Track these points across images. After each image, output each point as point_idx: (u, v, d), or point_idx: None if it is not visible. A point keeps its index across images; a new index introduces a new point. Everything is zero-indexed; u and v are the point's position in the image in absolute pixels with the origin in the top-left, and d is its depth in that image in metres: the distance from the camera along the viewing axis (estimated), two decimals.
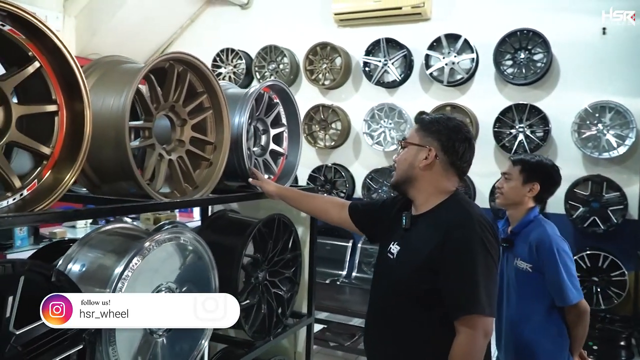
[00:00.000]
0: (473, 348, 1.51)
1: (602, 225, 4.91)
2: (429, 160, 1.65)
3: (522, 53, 5.18)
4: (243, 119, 2.06)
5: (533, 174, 2.23)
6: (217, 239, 2.17)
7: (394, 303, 1.69)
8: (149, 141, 1.66)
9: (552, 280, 2.09)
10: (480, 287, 1.50)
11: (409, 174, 1.69)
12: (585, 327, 2.16)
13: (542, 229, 2.18)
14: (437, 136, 1.66)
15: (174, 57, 1.70)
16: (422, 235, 1.64)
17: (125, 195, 1.68)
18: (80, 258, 1.69)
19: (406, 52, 5.58)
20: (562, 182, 5.05)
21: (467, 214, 1.60)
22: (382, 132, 5.65)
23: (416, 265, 1.60)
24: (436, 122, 1.69)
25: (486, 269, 1.53)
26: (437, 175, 1.67)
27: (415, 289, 1.61)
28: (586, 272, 4.92)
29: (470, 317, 1.51)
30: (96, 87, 1.61)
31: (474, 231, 1.55)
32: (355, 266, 5.29)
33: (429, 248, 1.58)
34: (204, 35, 6.87)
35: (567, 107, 5.05)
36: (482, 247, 1.54)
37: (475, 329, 1.50)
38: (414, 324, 1.63)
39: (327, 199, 2.16)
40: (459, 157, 1.67)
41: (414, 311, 1.63)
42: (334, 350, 4.10)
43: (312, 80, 5.99)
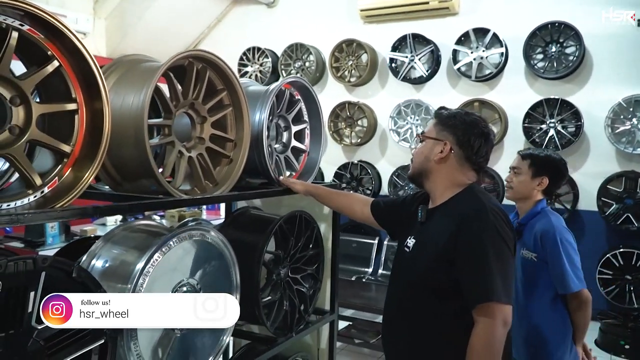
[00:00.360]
0: (492, 337, 1.48)
1: (635, 222, 4.77)
2: (444, 154, 1.67)
3: (553, 46, 5.06)
4: (263, 115, 2.06)
5: (542, 168, 2.26)
6: (238, 235, 2.18)
7: (409, 295, 1.70)
8: (168, 139, 1.67)
9: (554, 269, 2.14)
10: (495, 274, 1.50)
11: (424, 166, 1.72)
12: (587, 316, 2.19)
13: (547, 219, 2.22)
14: (453, 130, 1.68)
15: (192, 55, 1.71)
16: (437, 227, 1.66)
17: (146, 192, 1.70)
18: (104, 254, 1.72)
19: (433, 47, 5.51)
20: (596, 178, 4.98)
21: (481, 204, 1.60)
22: (409, 128, 5.60)
23: (431, 257, 1.62)
24: (453, 116, 1.70)
25: (501, 258, 1.53)
26: (452, 169, 1.68)
27: (431, 281, 1.62)
28: (619, 270, 4.80)
29: (487, 306, 1.49)
30: (117, 86, 1.63)
31: (487, 220, 1.55)
32: (381, 263, 5.27)
33: (444, 239, 1.59)
34: (231, 34, 6.93)
35: (600, 102, 4.92)
36: (496, 236, 1.54)
37: (494, 317, 1.48)
38: (429, 316, 1.63)
39: (352, 195, 2.22)
40: (474, 151, 1.67)
41: (429, 303, 1.63)
42: (359, 347, 4.08)
43: (338, 77, 5.97)
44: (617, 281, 4.82)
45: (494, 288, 1.49)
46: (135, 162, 1.57)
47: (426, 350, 1.65)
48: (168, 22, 6.43)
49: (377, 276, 5.12)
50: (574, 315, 2.20)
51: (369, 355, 4.08)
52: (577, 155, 5.13)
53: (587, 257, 5.01)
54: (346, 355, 4.04)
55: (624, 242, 4.89)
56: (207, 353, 1.84)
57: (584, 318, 2.20)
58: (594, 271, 4.89)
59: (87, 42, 6.22)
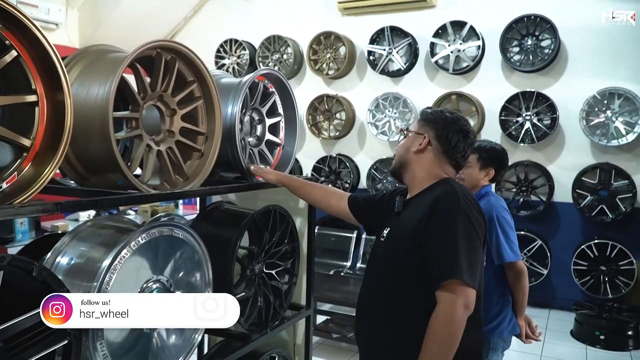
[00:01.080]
0: (452, 317, 1.47)
1: (610, 213, 4.84)
2: (422, 146, 1.73)
3: (529, 39, 5.09)
4: (236, 108, 2.02)
5: (489, 161, 2.46)
6: (211, 231, 2.15)
7: (383, 283, 1.72)
8: (135, 132, 1.62)
9: (491, 241, 2.31)
10: (461, 254, 1.51)
11: (404, 157, 1.78)
12: (524, 289, 2.38)
13: (488, 199, 2.42)
14: (433, 125, 1.74)
15: (160, 45, 1.66)
16: (411, 214, 1.68)
17: (113, 187, 1.64)
18: (69, 251, 1.67)
19: (411, 40, 5.50)
20: (571, 170, 5.04)
21: (453, 189, 1.64)
22: (387, 121, 5.60)
23: (403, 240, 1.65)
24: (436, 113, 1.78)
25: (468, 240, 1.55)
26: (429, 161, 1.74)
27: (403, 265, 1.64)
28: (594, 261, 4.87)
29: (449, 283, 1.50)
30: (81, 77, 1.57)
31: (457, 204, 1.58)
32: (359, 257, 5.26)
33: (415, 222, 1.62)
34: (208, 25, 6.83)
35: (575, 94, 4.97)
36: (465, 219, 1.56)
37: (455, 297, 1.48)
38: (401, 303, 1.64)
39: (327, 188, 2.19)
40: (451, 146, 1.72)
41: (402, 290, 1.64)
42: (337, 342, 4.07)
43: (316, 70, 5.93)
44: (592, 272, 4.89)
45: (459, 266, 1.50)
46: (101, 156, 1.52)
47: (398, 338, 1.65)
48: (142, 13, 6.30)
49: (355, 270, 5.12)
50: (512, 287, 2.38)
51: (346, 349, 4.08)
52: (553, 147, 5.19)
53: (562, 248, 5.12)
54: (324, 349, 4.03)
55: (599, 234, 4.96)
56: (178, 351, 1.80)
57: (522, 289, 2.38)
58: (569, 262, 4.96)
59: (60, 33, 6.12)
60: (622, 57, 4.88)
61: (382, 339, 1.70)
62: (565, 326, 4.70)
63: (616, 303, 4.73)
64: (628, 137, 4.76)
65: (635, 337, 4.32)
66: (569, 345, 4.38)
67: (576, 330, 4.55)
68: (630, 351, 4.24)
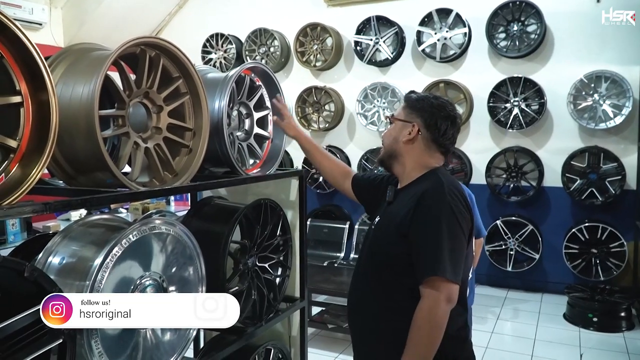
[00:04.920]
0: (435, 312, 1.51)
1: (600, 196, 4.88)
2: (411, 136, 1.72)
3: (515, 25, 5.10)
4: (223, 103, 2.01)
5: None
6: (202, 226, 2.15)
7: (370, 272, 1.74)
8: (122, 129, 1.61)
9: None
10: (444, 250, 1.53)
11: (393, 147, 1.76)
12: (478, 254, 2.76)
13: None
14: (421, 113, 1.72)
15: (143, 42, 1.65)
16: (399, 205, 1.70)
17: (102, 185, 1.64)
18: (61, 251, 1.67)
19: (397, 29, 5.50)
20: (560, 155, 5.10)
21: (440, 183, 1.64)
22: (376, 111, 5.61)
23: (390, 232, 1.67)
24: (422, 100, 1.75)
25: (452, 236, 1.56)
26: (419, 151, 1.73)
27: (388, 256, 1.66)
28: (585, 244, 4.92)
29: (432, 280, 1.52)
30: (65, 76, 1.56)
31: (443, 199, 1.59)
32: (352, 247, 5.28)
33: (402, 215, 1.63)
34: (193, 21, 6.79)
35: (562, 79, 5.00)
36: (450, 214, 1.57)
37: (438, 292, 1.51)
38: (388, 292, 1.67)
39: (337, 163, 2.20)
40: (441, 133, 1.71)
41: (388, 279, 1.67)
42: (332, 332, 4.10)
43: (304, 62, 5.92)
44: (583, 255, 4.94)
45: (441, 263, 1.52)
46: (88, 154, 1.51)
47: (386, 327, 1.67)
48: (126, 11, 6.25)
49: (348, 260, 5.13)
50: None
51: (342, 339, 4.11)
52: (541, 132, 5.22)
53: (553, 233, 5.16)
54: (320, 340, 4.06)
55: (589, 217, 5.01)
56: (173, 347, 1.81)
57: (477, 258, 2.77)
58: (560, 246, 5.01)
59: (44, 33, 6.06)
60: (608, 40, 4.91)
61: (371, 327, 1.73)
62: (558, 309, 4.75)
63: (608, 285, 4.80)
64: (616, 120, 4.79)
65: (627, 318, 4.38)
66: (562, 328, 4.43)
67: (569, 313, 4.60)
68: (623, 332, 4.30)
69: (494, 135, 5.37)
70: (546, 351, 3.96)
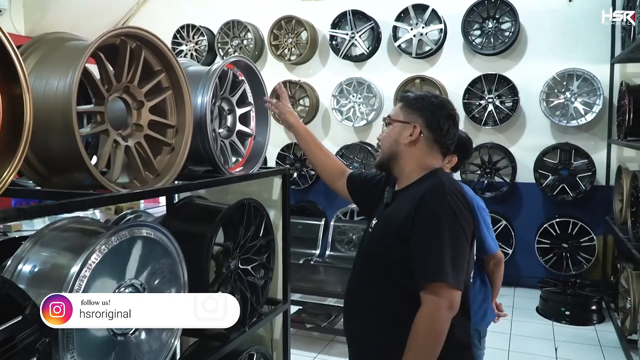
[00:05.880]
0: (436, 319, 1.46)
1: (571, 192, 4.96)
2: (413, 137, 1.64)
3: (490, 22, 5.12)
4: (206, 98, 1.91)
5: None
6: (184, 228, 2.04)
7: (368, 276, 1.68)
8: (101, 127, 1.50)
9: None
10: (446, 255, 1.47)
11: (393, 149, 1.68)
12: (501, 275, 2.42)
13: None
14: (421, 113, 1.65)
15: (125, 32, 1.53)
16: (398, 207, 1.64)
17: (78, 187, 1.52)
18: (32, 258, 1.54)
19: (373, 24, 5.44)
20: (532, 151, 5.14)
21: (441, 184, 1.58)
22: (352, 107, 5.55)
23: (388, 235, 1.60)
24: (421, 99, 1.68)
25: (454, 239, 1.50)
26: (421, 152, 1.66)
27: (387, 259, 1.60)
28: (556, 239, 5.00)
29: (433, 286, 1.47)
30: (38, 68, 1.44)
31: (444, 200, 1.53)
32: (328, 244, 5.22)
33: (402, 217, 1.57)
34: (163, 11, 6.57)
35: (535, 76, 5.05)
36: (451, 217, 1.51)
37: (439, 298, 1.46)
38: (386, 297, 1.61)
39: (334, 160, 2.11)
40: (443, 134, 1.65)
41: (386, 284, 1.61)
42: (310, 332, 4.03)
43: (278, 55, 5.81)
44: (555, 250, 5.02)
45: (443, 268, 1.46)
46: (64, 154, 1.39)
47: (384, 332, 1.62)
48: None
49: (324, 258, 5.07)
50: (491, 275, 2.41)
51: (320, 339, 4.05)
52: (515, 129, 5.26)
53: (526, 228, 5.22)
54: (298, 340, 3.98)
55: (560, 212, 5.09)
56: (154, 358, 1.70)
57: (499, 278, 2.43)
58: (533, 241, 5.08)
59: (4, 20, 5.74)
60: (580, 38, 4.98)
61: (368, 332, 1.67)
62: (531, 303, 4.81)
63: (578, 279, 4.88)
64: (587, 117, 4.87)
65: (598, 311, 4.47)
66: (536, 322, 4.48)
67: (542, 307, 4.66)
68: (594, 325, 4.38)
69: (469, 132, 5.28)
70: (522, 346, 3.99)
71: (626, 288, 3.88)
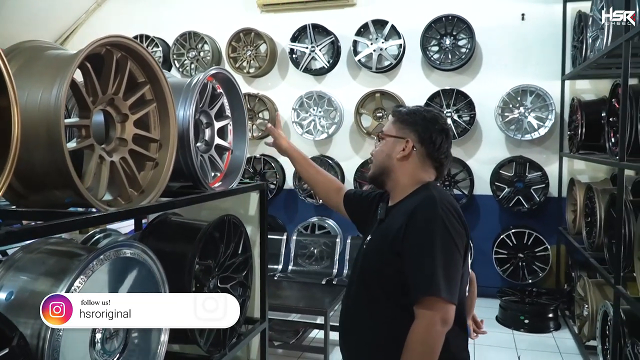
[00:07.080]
0: (429, 333, 1.44)
1: (526, 204, 5.12)
2: (406, 152, 1.64)
3: (447, 39, 5.24)
4: (189, 111, 1.84)
5: None
6: (163, 247, 1.95)
7: (362, 291, 1.66)
8: (87, 142, 1.40)
9: None
10: (438, 269, 1.46)
11: (386, 164, 1.68)
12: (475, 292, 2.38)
13: None
14: (414, 127, 1.64)
15: (111, 42, 1.45)
16: (391, 222, 1.62)
17: (58, 206, 1.42)
18: (7, 284, 1.42)
19: (334, 38, 5.47)
20: (489, 164, 5.26)
21: (432, 198, 1.57)
22: (312, 120, 5.53)
23: (383, 250, 1.59)
24: (413, 113, 1.67)
25: (447, 252, 1.49)
26: (414, 167, 1.65)
27: (381, 274, 1.58)
28: (512, 249, 5.14)
29: (427, 300, 1.45)
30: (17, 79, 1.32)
31: (436, 214, 1.51)
32: (291, 259, 5.15)
33: (394, 232, 1.55)
34: (114, 20, 6.35)
35: (491, 92, 5.20)
36: (443, 230, 1.50)
37: (433, 313, 1.44)
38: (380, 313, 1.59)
39: (330, 179, 2.10)
40: (436, 148, 1.65)
41: (380, 299, 1.59)
42: (278, 349, 3.94)
43: (236, 68, 5.73)
44: (512, 259, 5.16)
45: (436, 283, 1.45)
46: (49, 170, 1.29)
47: (381, 347, 1.59)
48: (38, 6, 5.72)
49: (287, 273, 5.00)
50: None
51: (287, 356, 3.97)
52: (472, 142, 5.39)
53: (484, 239, 5.33)
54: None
55: (516, 223, 5.24)
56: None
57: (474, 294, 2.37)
58: (490, 252, 5.20)
59: None
60: (532, 55, 5.18)
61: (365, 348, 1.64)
62: (490, 312, 4.90)
63: (535, 288, 5.03)
64: (540, 132, 5.05)
65: (554, 319, 4.61)
66: (497, 330, 4.57)
67: (501, 316, 4.77)
68: (552, 332, 4.51)
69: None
70: (486, 355, 4.05)
71: (582, 295, 4.02)
